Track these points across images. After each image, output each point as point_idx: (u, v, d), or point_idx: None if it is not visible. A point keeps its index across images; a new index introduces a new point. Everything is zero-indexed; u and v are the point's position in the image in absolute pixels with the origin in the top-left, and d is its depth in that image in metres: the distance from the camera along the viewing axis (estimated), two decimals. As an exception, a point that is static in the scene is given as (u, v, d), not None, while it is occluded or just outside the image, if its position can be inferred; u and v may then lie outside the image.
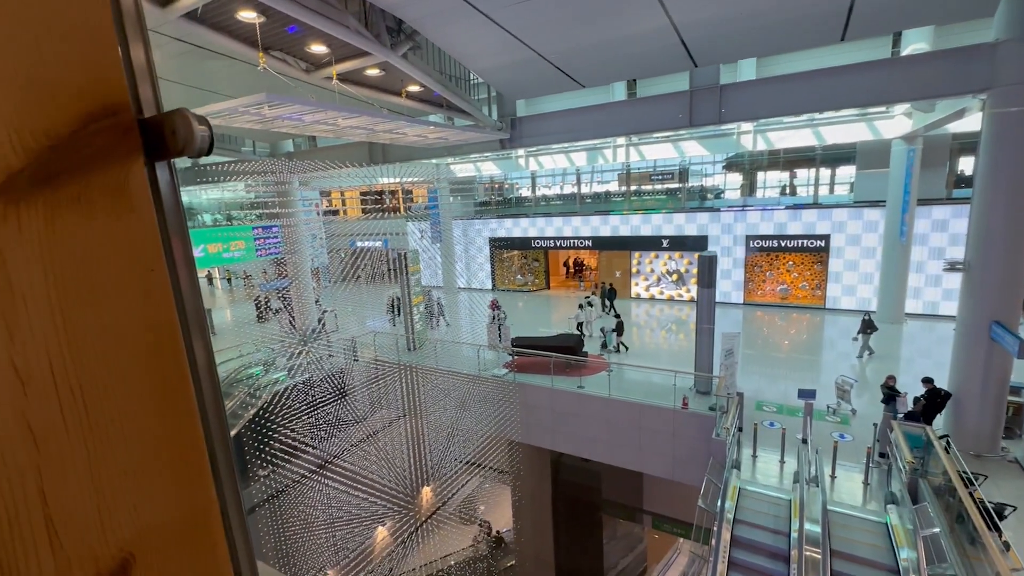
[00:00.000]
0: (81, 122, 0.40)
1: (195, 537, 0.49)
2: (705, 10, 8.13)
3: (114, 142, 0.42)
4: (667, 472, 11.37)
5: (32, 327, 0.38)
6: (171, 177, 0.52)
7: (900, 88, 10.03)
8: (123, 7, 0.46)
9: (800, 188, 20.88)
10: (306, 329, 18.33)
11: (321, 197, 30.20)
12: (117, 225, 0.43)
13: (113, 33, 0.42)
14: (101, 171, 0.42)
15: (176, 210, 0.53)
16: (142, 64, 0.48)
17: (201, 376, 0.54)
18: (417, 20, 8.64)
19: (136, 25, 0.48)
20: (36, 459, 0.39)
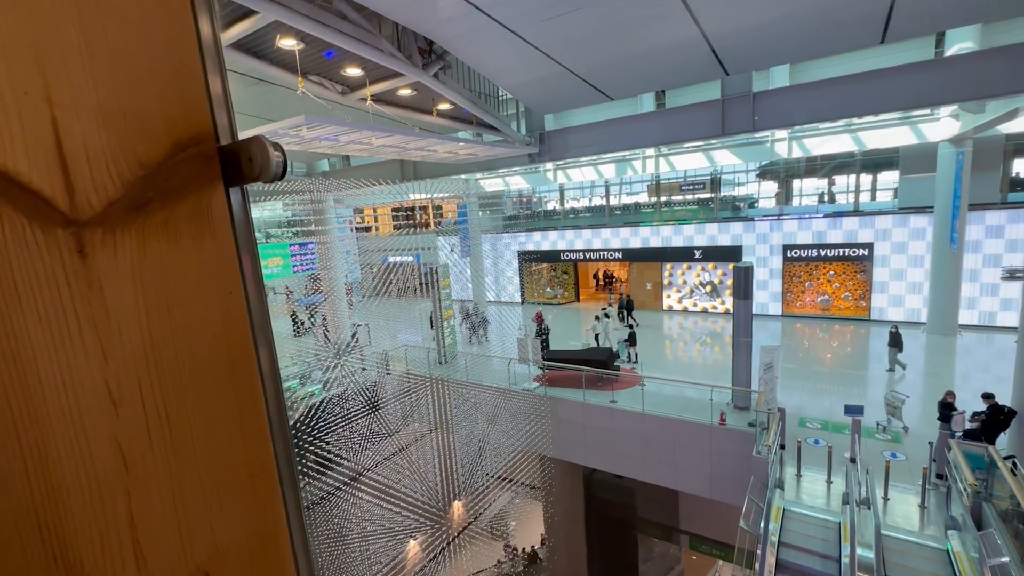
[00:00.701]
0: (170, 152, 0.42)
1: (265, 556, 0.49)
2: (738, 19, 8.03)
3: (198, 170, 0.44)
4: (704, 491, 10.98)
5: (124, 350, 0.39)
6: (244, 201, 0.54)
7: (946, 90, 9.62)
8: (204, 43, 0.49)
9: (839, 195, 20.15)
10: (340, 343, 18.73)
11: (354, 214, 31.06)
12: (199, 249, 0.45)
13: (200, 69, 0.44)
14: (186, 197, 0.43)
15: (247, 232, 0.54)
16: (219, 95, 0.51)
17: (269, 396, 0.55)
18: (448, 41, 8.86)
19: (215, 59, 0.50)
20: (125, 481, 0.40)
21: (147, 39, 0.42)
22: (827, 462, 9.29)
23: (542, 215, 27.76)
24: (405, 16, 7.92)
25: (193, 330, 0.44)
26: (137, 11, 0.41)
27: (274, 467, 0.51)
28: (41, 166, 0.35)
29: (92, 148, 0.37)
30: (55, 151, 0.35)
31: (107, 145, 0.38)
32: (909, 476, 9.00)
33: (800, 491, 9.13)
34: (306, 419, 13.66)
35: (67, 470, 0.36)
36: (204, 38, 0.49)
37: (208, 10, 0.47)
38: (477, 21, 7.88)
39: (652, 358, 15.63)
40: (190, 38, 0.45)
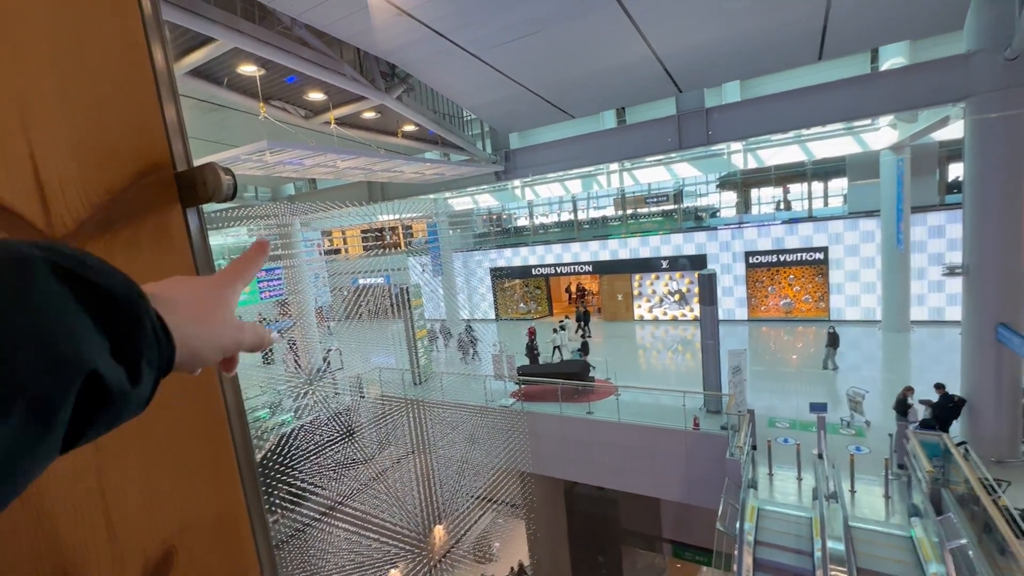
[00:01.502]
0: (133, 179, 0.49)
1: (226, 532, 0.55)
2: (684, 40, 8.49)
3: (158, 194, 0.51)
4: (683, 496, 11.14)
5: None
6: (200, 220, 0.61)
7: (880, 101, 10.33)
8: (160, 81, 0.56)
9: (794, 202, 21.16)
10: (311, 369, 18.31)
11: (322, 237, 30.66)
12: (160, 262, 0.51)
13: (157, 105, 0.52)
14: (147, 218, 0.50)
15: (204, 249, 0.61)
16: (175, 124, 0.58)
17: (225, 388, 0.62)
18: (410, 64, 9.03)
19: (169, 90, 0.58)
20: (97, 460, 0.45)
21: (112, 84, 0.49)
22: (796, 460, 9.59)
23: (512, 232, 28.06)
24: (366, 42, 8.05)
25: None
26: (103, 61, 0.48)
27: (232, 451, 0.57)
28: (21, 192, 0.42)
29: (65, 177, 0.44)
30: (33, 179, 0.42)
31: (78, 174, 0.45)
32: (873, 468, 9.37)
33: (773, 490, 9.38)
34: (277, 450, 13.23)
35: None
36: (160, 77, 0.57)
37: (165, 61, 0.55)
38: (438, 46, 8.08)
39: (627, 367, 15.87)
40: (148, 81, 0.53)
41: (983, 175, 8.98)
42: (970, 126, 9.12)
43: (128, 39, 0.50)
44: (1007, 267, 8.99)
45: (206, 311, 0.41)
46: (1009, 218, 8.81)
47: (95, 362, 0.29)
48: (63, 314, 0.28)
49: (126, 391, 0.31)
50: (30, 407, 0.26)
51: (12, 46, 0.42)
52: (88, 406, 0.29)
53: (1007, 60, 8.40)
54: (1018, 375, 9.15)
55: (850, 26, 8.60)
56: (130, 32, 0.52)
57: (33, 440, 0.26)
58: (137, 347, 0.32)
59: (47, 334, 0.27)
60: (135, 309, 0.32)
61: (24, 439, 0.26)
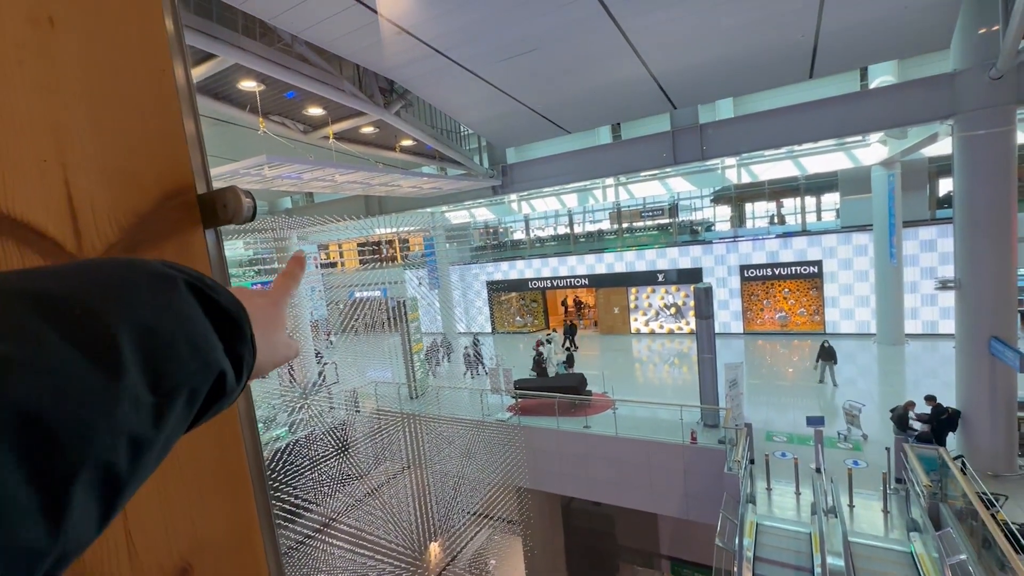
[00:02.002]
0: (159, 202, 0.51)
1: (240, 548, 0.56)
2: (679, 59, 8.66)
3: (181, 216, 0.53)
4: (681, 511, 11.05)
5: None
6: (218, 240, 0.63)
7: (870, 118, 10.53)
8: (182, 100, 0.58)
9: (788, 216, 21.39)
10: (306, 383, 18.16)
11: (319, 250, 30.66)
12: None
13: (181, 130, 0.54)
14: (171, 239, 0.52)
15: (221, 268, 0.63)
16: (196, 147, 0.60)
17: (241, 409, 0.63)
18: (408, 80, 9.15)
19: (191, 113, 0.60)
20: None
21: (140, 110, 0.51)
22: (794, 474, 9.55)
23: (509, 245, 28.17)
24: (366, 59, 8.17)
25: None
26: (132, 89, 0.50)
27: (247, 470, 0.58)
28: (55, 218, 0.43)
29: (96, 202, 0.46)
30: (67, 205, 0.44)
31: (108, 199, 0.47)
32: (871, 482, 9.34)
33: (771, 504, 9.33)
34: (271, 465, 13.06)
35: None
36: (183, 101, 0.59)
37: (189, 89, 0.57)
38: (436, 63, 8.21)
39: (624, 381, 15.84)
40: (174, 106, 0.55)
41: (972, 191, 9.13)
42: (958, 143, 9.30)
43: (155, 67, 0.52)
44: (998, 281, 9.09)
45: (271, 327, 0.48)
46: (999, 233, 8.94)
47: (222, 363, 0.36)
48: (201, 323, 0.35)
49: (234, 388, 0.38)
50: (187, 398, 0.32)
51: (49, 77, 0.44)
52: (210, 399, 0.35)
53: (992, 79, 8.60)
54: (1013, 388, 9.19)
55: (840, 45, 8.80)
56: (157, 60, 0.54)
57: (183, 424, 0.33)
58: (241, 352, 0.39)
59: (195, 339, 0.34)
60: (240, 321, 0.39)
61: (180, 424, 0.32)
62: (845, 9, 7.57)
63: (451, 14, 6.99)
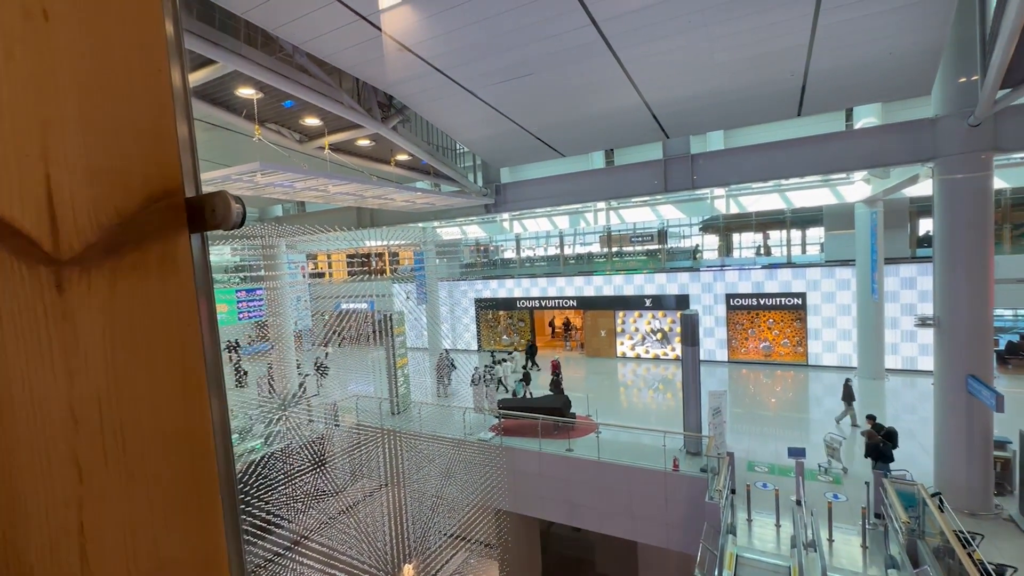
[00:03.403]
0: (144, 204, 0.49)
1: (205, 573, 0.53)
2: (673, 90, 8.88)
3: (167, 219, 0.51)
4: (661, 540, 10.91)
5: (89, 373, 0.44)
6: (203, 246, 0.61)
7: (854, 157, 10.86)
8: (178, 115, 0.57)
9: (774, 248, 21.79)
10: (286, 394, 17.79)
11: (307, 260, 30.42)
12: (163, 287, 0.51)
13: (174, 131, 0.52)
14: (155, 242, 0.50)
15: (205, 274, 0.61)
16: (188, 150, 0.59)
17: (215, 423, 0.60)
18: (408, 97, 9.24)
19: (185, 116, 0.58)
20: (79, 492, 0.43)
21: (132, 109, 0.50)
22: (775, 505, 9.51)
23: (499, 263, 28.23)
24: (366, 73, 8.25)
25: (153, 361, 0.49)
26: (126, 86, 0.49)
27: (218, 487, 0.55)
28: (32, 214, 0.41)
29: (78, 200, 0.44)
30: (46, 202, 0.42)
31: (91, 197, 0.45)
32: (851, 517, 9.33)
33: (752, 536, 9.25)
34: (243, 478, 12.67)
35: (27, 479, 0.40)
36: (178, 103, 0.58)
37: (184, 91, 0.56)
38: (435, 80, 8.31)
39: (608, 404, 15.77)
40: (167, 106, 0.54)
41: (951, 232, 9.40)
42: (938, 185, 9.61)
43: (152, 65, 0.51)
44: (976, 320, 9.30)
45: None
46: (977, 274, 9.18)
47: None
48: None
49: None
50: None
51: (40, 71, 0.42)
52: None
53: (971, 126, 8.95)
54: (989, 427, 9.32)
55: (827, 86, 9.11)
56: (154, 59, 0.53)
57: None
58: None
59: None
60: None
61: None
62: (833, 52, 7.86)
63: (453, 34, 7.11)
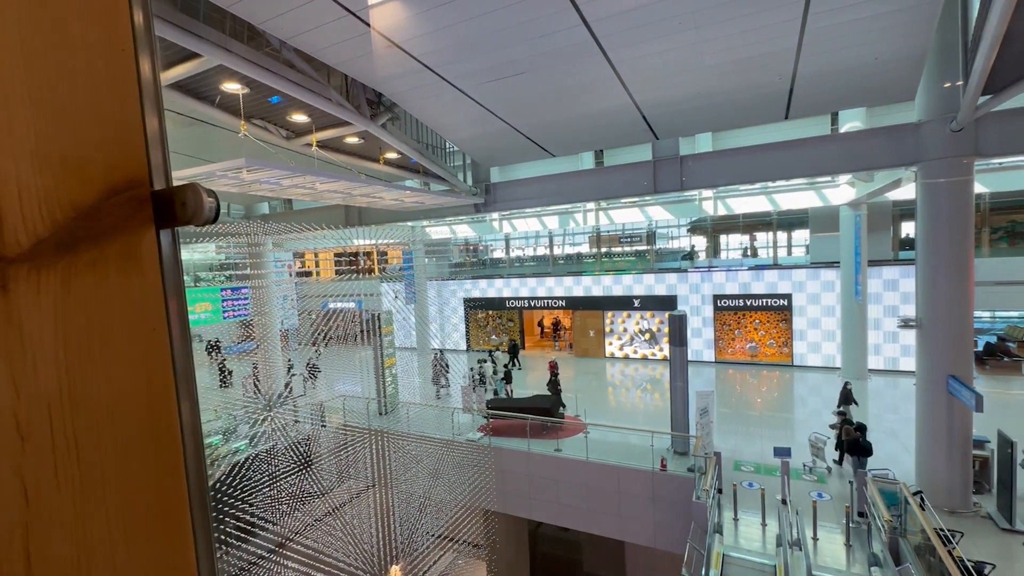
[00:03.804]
0: (104, 195, 0.44)
1: (173, 601, 0.48)
2: (663, 91, 8.91)
3: (130, 213, 0.47)
4: (648, 539, 10.95)
5: (38, 384, 0.40)
6: (174, 243, 0.56)
7: (839, 161, 11.00)
8: (145, 95, 0.52)
9: (761, 250, 22.03)
10: (271, 394, 17.54)
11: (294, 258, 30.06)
12: (125, 289, 0.46)
13: (139, 118, 0.48)
14: (116, 238, 0.46)
15: (175, 273, 0.56)
16: (156, 139, 0.54)
17: (187, 438, 0.55)
18: (397, 95, 9.15)
19: (154, 103, 0.54)
20: (25, 516, 0.39)
21: (90, 91, 0.45)
22: (761, 505, 9.60)
23: (488, 263, 28.15)
24: (355, 69, 8.14)
25: (113, 366, 0.45)
26: (85, 69, 0.44)
27: (187, 512, 0.50)
28: (-29, 205, 0.37)
29: (26, 190, 0.39)
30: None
31: (41, 188, 0.40)
32: (835, 515, 9.45)
33: (738, 535, 9.32)
34: (227, 479, 12.46)
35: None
36: (145, 88, 0.53)
37: (152, 71, 0.51)
38: (426, 79, 8.24)
39: (596, 405, 15.79)
40: (132, 91, 0.49)
41: (934, 235, 9.57)
42: (921, 189, 9.77)
43: (114, 44, 0.46)
44: (957, 322, 9.47)
45: None
46: (958, 276, 9.35)
47: None
48: None
49: None
50: None
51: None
52: None
53: (953, 132, 9.12)
54: (969, 427, 9.50)
55: (814, 90, 9.22)
56: (117, 39, 0.48)
57: None
58: None
59: None
60: None
61: None
62: (821, 56, 7.95)
63: (443, 32, 7.05)
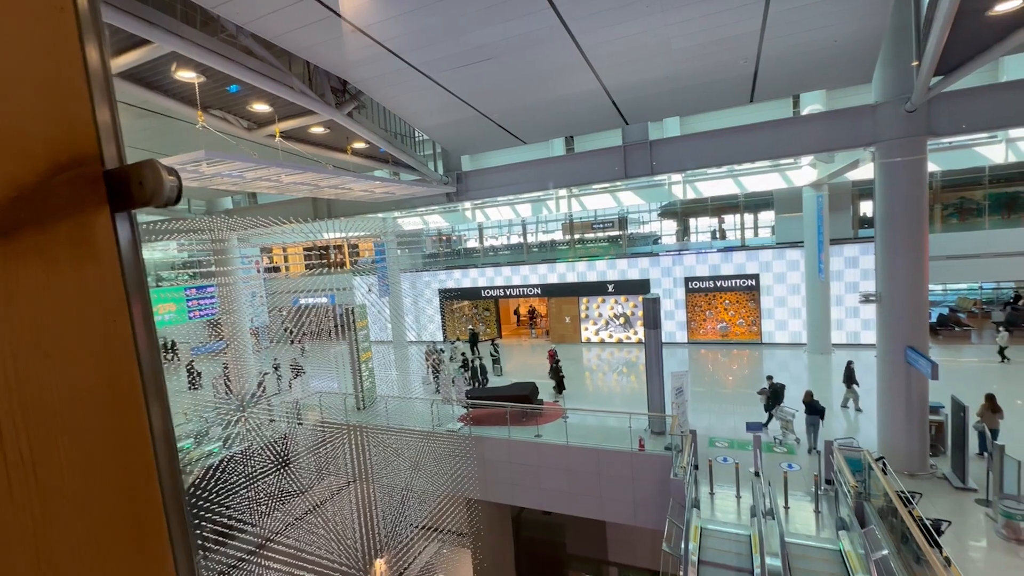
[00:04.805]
0: (48, 173, 0.39)
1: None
2: (631, 75, 8.93)
3: (80, 193, 0.42)
4: (629, 518, 11.21)
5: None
6: (132, 228, 0.51)
7: (801, 142, 11.29)
8: (91, 66, 0.47)
9: (729, 232, 22.55)
10: (244, 394, 17.09)
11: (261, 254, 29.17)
12: (79, 276, 0.41)
13: (84, 86, 0.42)
14: (65, 221, 0.40)
15: (136, 262, 0.51)
16: (107, 119, 0.49)
17: (158, 443, 0.51)
18: (362, 82, 8.88)
19: (103, 82, 0.48)
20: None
21: (28, 56, 0.40)
22: (735, 478, 9.94)
23: (462, 253, 27.96)
24: (317, 56, 7.86)
25: (69, 361, 0.40)
26: (17, 26, 0.39)
27: (163, 519, 0.46)
28: None
29: (-48, 165, 0.34)
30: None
31: (-30, 163, 0.35)
32: (804, 484, 9.88)
33: (714, 508, 9.64)
34: (201, 484, 12.13)
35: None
36: (91, 62, 0.47)
37: (96, 32, 0.46)
38: (391, 65, 8.02)
39: (575, 389, 15.99)
40: (76, 61, 0.44)
41: (891, 212, 9.97)
42: (878, 169, 10.14)
43: (50, 2, 0.41)
44: (913, 295, 9.94)
45: None
46: (914, 251, 9.78)
47: None
48: None
49: None
50: None
51: None
52: None
53: (907, 112, 9.46)
54: (925, 394, 10.03)
55: (777, 73, 9.40)
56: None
57: None
58: None
59: None
60: None
61: None
62: (782, 39, 8.09)
63: (407, 16, 6.85)
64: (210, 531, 11.65)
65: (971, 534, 8.28)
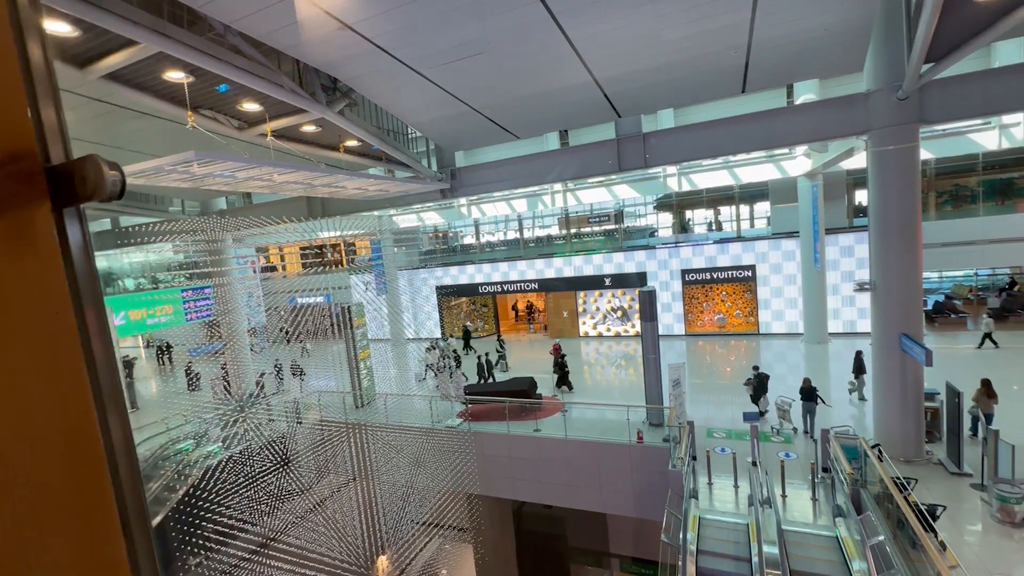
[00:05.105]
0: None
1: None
2: (622, 67, 8.91)
3: (17, 189, 0.42)
4: (629, 510, 11.28)
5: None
6: (80, 225, 0.52)
7: (795, 132, 11.28)
8: (32, 60, 0.47)
9: (725, 223, 22.57)
10: (243, 394, 17.10)
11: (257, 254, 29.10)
12: (16, 273, 0.42)
13: (19, 75, 0.43)
14: (2, 217, 0.41)
15: (85, 261, 0.51)
16: (51, 115, 0.49)
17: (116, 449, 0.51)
18: (352, 79, 8.85)
19: (45, 77, 0.49)
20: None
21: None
22: (733, 468, 10.00)
23: (459, 249, 27.93)
24: (305, 53, 7.82)
25: (9, 373, 0.40)
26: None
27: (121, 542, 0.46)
28: None
29: None
30: None
31: None
32: (801, 473, 9.94)
33: (712, 498, 9.71)
34: (202, 484, 12.16)
35: None
36: (33, 59, 0.48)
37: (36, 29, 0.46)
38: (381, 61, 7.99)
39: (573, 383, 16.02)
40: (11, 59, 0.44)
41: (884, 201, 9.98)
42: (872, 157, 10.14)
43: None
44: (907, 283, 9.97)
45: None
46: (907, 239, 9.81)
47: None
48: None
49: None
50: None
51: None
52: None
53: (899, 100, 9.46)
54: (920, 381, 10.08)
55: (768, 63, 9.39)
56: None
57: None
58: None
59: None
60: None
61: None
62: (772, 28, 8.08)
63: (395, 12, 6.82)
64: (211, 531, 11.69)
65: (966, 518, 8.36)
